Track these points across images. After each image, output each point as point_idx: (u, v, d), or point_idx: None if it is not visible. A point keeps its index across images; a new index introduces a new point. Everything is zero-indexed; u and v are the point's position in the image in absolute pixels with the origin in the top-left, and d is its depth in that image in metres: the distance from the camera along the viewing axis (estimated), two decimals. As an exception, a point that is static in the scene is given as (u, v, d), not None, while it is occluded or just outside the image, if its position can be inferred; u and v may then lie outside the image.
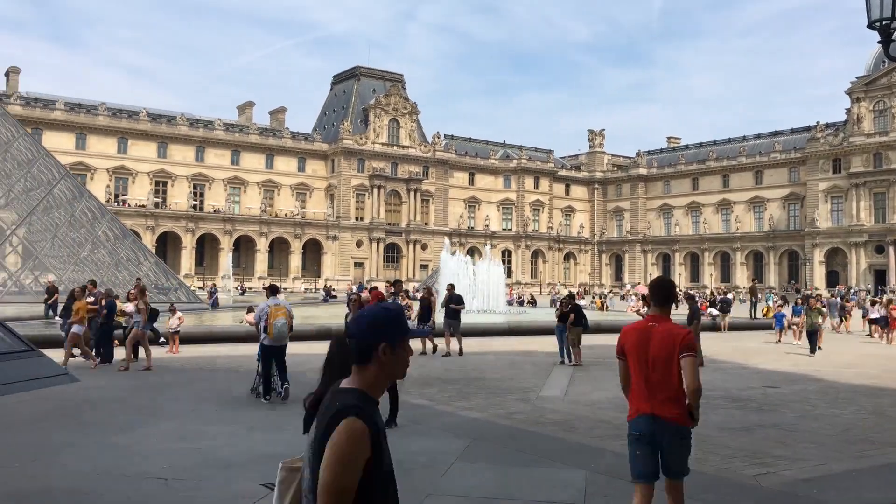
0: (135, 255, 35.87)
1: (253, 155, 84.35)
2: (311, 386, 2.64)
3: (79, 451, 7.73)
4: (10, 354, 11.32)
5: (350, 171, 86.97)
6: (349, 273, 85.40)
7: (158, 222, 76.07)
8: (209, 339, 20.61)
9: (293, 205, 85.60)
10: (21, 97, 73.21)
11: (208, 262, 79.42)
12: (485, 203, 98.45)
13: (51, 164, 33.74)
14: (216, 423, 9.34)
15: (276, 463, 2.75)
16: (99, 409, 10.22)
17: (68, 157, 66.57)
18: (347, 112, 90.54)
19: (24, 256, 34.87)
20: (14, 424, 8.96)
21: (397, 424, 9.12)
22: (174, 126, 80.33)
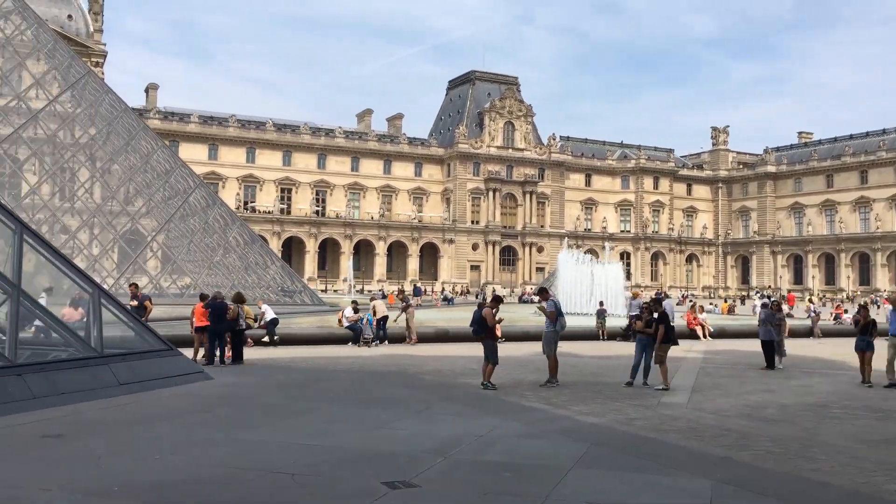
0: (262, 259, 37.51)
1: (371, 161, 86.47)
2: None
3: (213, 445, 8.14)
4: (151, 353, 12.12)
5: (465, 175, 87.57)
6: (465, 276, 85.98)
7: (284, 228, 79.32)
8: (331, 340, 21.27)
9: (410, 209, 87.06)
10: (159, 112, 78.24)
11: (330, 266, 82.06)
12: (602, 204, 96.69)
13: (186, 174, 35.83)
14: (340, 421, 9.60)
15: (398, 461, 2.78)
16: (231, 406, 10.73)
17: (202, 167, 70.51)
18: (462, 116, 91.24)
19: (163, 261, 37.19)
20: (154, 419, 9.55)
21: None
22: (298, 135, 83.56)
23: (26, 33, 33.93)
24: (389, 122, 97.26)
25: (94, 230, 37.02)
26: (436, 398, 11.61)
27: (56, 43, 34.66)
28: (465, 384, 13.36)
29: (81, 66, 34.97)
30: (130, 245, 34.80)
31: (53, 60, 34.36)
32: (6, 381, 9.50)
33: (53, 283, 14.04)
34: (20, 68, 34.06)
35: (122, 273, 32.57)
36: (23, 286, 10.34)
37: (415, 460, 7.41)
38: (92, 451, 7.59)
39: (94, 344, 11.23)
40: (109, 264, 35.74)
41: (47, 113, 33.32)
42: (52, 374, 10.31)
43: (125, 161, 35.39)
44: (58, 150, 35.45)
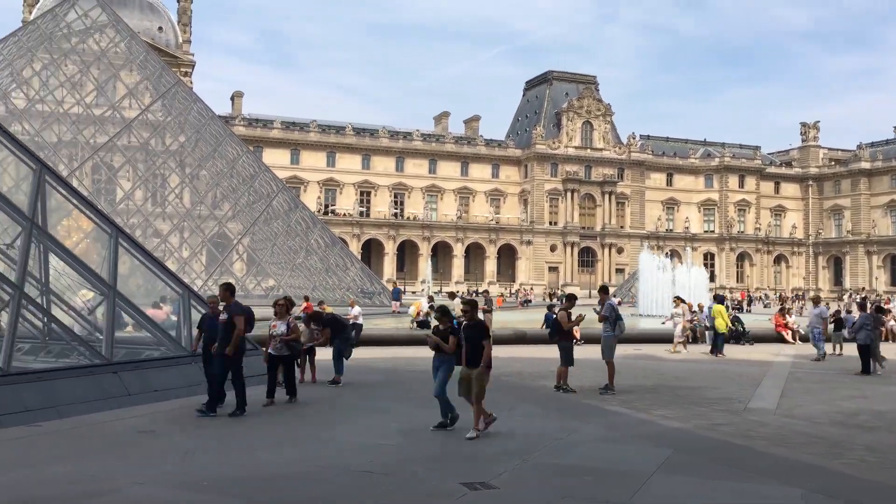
0: (343, 261, 38.19)
1: (449, 163, 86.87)
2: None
3: (294, 443, 8.34)
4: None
5: (543, 176, 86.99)
6: (543, 277, 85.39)
7: (363, 230, 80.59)
8: (410, 341, 21.44)
9: (487, 211, 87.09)
10: (244, 118, 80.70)
11: (408, 268, 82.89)
12: (684, 204, 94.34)
13: (270, 178, 36.84)
14: (418, 422, 9.68)
15: (477, 462, 2.79)
16: (311, 406, 10.97)
17: (284, 171, 72.32)
18: (540, 117, 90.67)
19: (248, 263, 38.32)
20: (242, 416, 9.84)
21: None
22: (376, 139, 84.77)
23: (120, 46, 35.56)
24: (466, 124, 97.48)
25: (184, 234, 38.45)
26: (515, 400, 11.57)
27: (147, 54, 36.20)
28: (545, 386, 13.27)
29: (171, 76, 36.42)
30: (218, 248, 36.02)
31: (145, 71, 35.88)
32: (103, 379, 9.98)
33: (146, 284, 14.65)
34: (115, 79, 35.72)
35: (210, 275, 33.73)
36: (118, 287, 10.85)
37: (493, 461, 7.40)
38: (183, 446, 7.90)
39: (184, 343, 11.67)
40: (198, 266, 37.04)
41: (140, 121, 34.82)
42: (146, 372, 10.77)
43: (212, 167, 36.64)
44: (150, 157, 37.00)
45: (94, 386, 9.81)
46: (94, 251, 17.06)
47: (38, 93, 35.01)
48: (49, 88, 35.12)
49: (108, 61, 35.14)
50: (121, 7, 60.02)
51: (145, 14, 73.72)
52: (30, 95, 34.98)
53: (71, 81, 35.18)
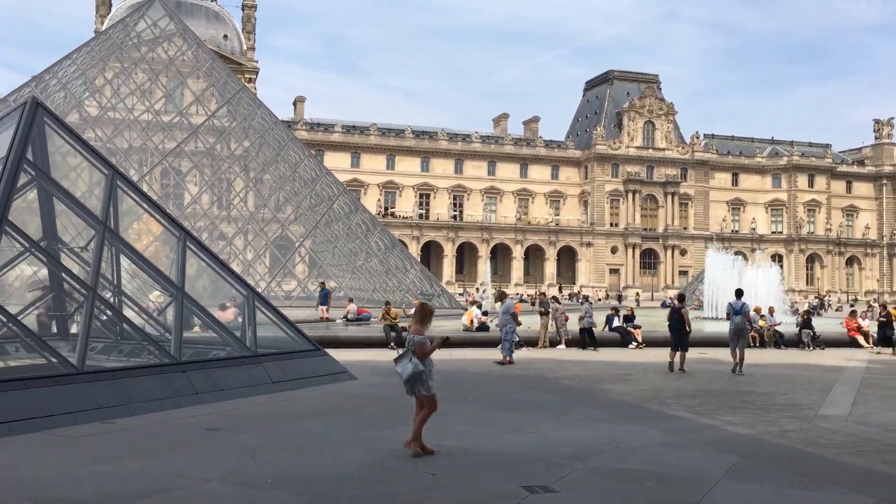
0: (402, 263, 38.46)
1: (508, 165, 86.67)
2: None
3: (357, 442, 8.44)
4: (300, 353, 12.72)
5: (603, 177, 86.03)
6: (604, 280, 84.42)
7: (422, 232, 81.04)
8: (468, 343, 21.46)
9: (547, 212, 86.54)
10: (306, 123, 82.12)
11: (467, 270, 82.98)
12: (750, 204, 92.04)
13: (331, 181, 37.39)
14: (477, 423, 9.69)
15: (536, 466, 2.78)
16: (374, 406, 11.08)
17: (345, 174, 73.33)
18: (600, 117, 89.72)
19: (309, 265, 38.97)
20: (303, 416, 10.02)
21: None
22: (435, 141, 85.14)
23: (187, 54, 36.63)
24: (525, 125, 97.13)
25: (248, 236, 39.36)
26: (574, 403, 11.47)
27: (213, 62, 37.18)
28: (605, 390, 13.11)
29: (236, 83, 37.31)
30: (280, 250, 36.74)
31: (211, 78, 36.88)
32: (173, 378, 10.29)
33: (212, 286, 15.05)
34: (182, 86, 36.80)
35: (273, 277, 34.42)
36: (186, 289, 11.16)
37: (553, 465, 7.36)
38: (248, 444, 8.07)
39: (249, 344, 11.93)
40: (262, 268, 37.85)
41: (206, 127, 35.78)
42: (212, 372, 11.05)
43: (275, 171, 37.40)
44: (215, 162, 37.99)
45: (164, 384, 10.12)
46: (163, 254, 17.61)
47: (110, 100, 36.32)
48: (120, 96, 36.41)
49: (175, 69, 36.23)
50: (188, 16, 61.81)
51: (211, 23, 75.73)
52: (102, 103, 36.32)
53: (141, 89, 36.39)
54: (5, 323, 9.65)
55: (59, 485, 6.46)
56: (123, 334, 11.36)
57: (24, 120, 10.13)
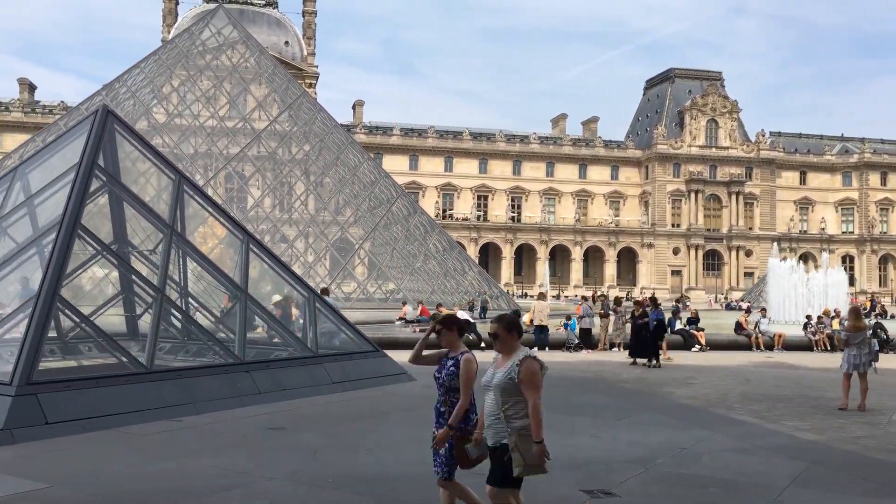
0: (461, 265, 38.53)
1: (566, 166, 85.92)
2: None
3: (416, 443, 8.48)
4: (359, 354, 12.86)
5: (665, 177, 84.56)
6: (666, 281, 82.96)
7: (480, 234, 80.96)
8: (527, 344, 21.36)
9: (607, 213, 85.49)
10: (365, 126, 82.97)
11: (526, 272, 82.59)
12: (819, 204, 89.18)
13: (389, 184, 37.72)
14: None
15: (597, 469, 2.75)
16: (431, 407, 11.11)
17: (403, 177, 73.78)
18: (661, 116, 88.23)
19: (369, 267, 39.36)
20: (363, 417, 10.12)
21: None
22: (493, 143, 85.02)
23: (250, 61, 37.46)
24: (584, 125, 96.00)
25: (309, 239, 39.97)
26: (636, 407, 11.30)
27: (275, 68, 37.93)
28: (668, 393, 12.88)
29: (297, 88, 38.01)
30: (340, 252, 37.21)
31: (273, 84, 37.62)
32: (237, 377, 10.52)
33: (274, 288, 15.33)
34: (245, 93, 37.66)
35: (334, 279, 34.87)
36: (249, 290, 11.41)
37: (614, 469, 7.26)
38: (309, 444, 8.20)
39: (310, 344, 12.13)
40: (322, 270, 38.37)
41: (268, 132, 36.53)
42: (274, 372, 11.26)
43: (335, 174, 37.91)
44: (277, 166, 38.73)
45: (228, 384, 10.35)
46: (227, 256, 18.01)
47: (177, 107, 37.39)
48: (186, 103, 37.46)
49: (239, 76, 37.08)
50: (250, 24, 63.17)
51: (273, 29, 77.24)
52: (169, 110, 37.41)
53: (206, 96, 37.37)
54: (78, 324, 10.02)
55: (129, 480, 6.67)
56: (190, 334, 11.66)
57: (96, 127, 10.50)
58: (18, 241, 10.37)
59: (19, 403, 7.98)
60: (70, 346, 11.41)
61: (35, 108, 74.58)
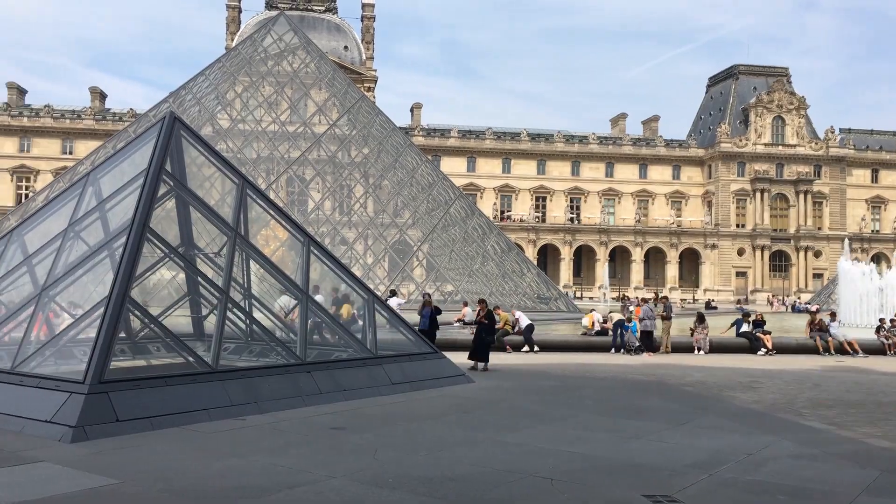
0: (519, 266, 38.39)
1: (626, 166, 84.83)
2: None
3: (475, 445, 8.49)
4: (418, 355, 12.93)
5: (729, 176, 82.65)
6: (730, 283, 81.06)
7: (539, 236, 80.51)
8: (587, 347, 21.15)
9: (668, 213, 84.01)
10: (423, 129, 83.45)
11: (585, 273, 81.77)
12: (892, 202, 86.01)
13: (447, 186, 37.83)
14: (597, 429, 9.53)
15: (659, 474, 2.71)
16: (491, 409, 11.11)
17: (461, 179, 73.93)
18: (725, 114, 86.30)
19: (427, 269, 39.54)
20: (422, 418, 10.17)
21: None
22: (551, 143, 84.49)
23: (310, 66, 38.08)
24: (644, 125, 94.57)
25: (368, 241, 40.38)
26: (698, 411, 11.07)
27: (335, 73, 38.48)
28: (731, 397, 12.58)
29: (356, 92, 38.47)
30: (399, 254, 37.47)
31: (332, 88, 38.17)
32: (299, 377, 10.71)
33: (334, 289, 15.54)
34: (306, 97, 38.29)
35: (392, 280, 35.14)
36: (310, 292, 11.59)
37: (677, 474, 7.13)
38: (369, 444, 8.28)
39: (369, 346, 12.25)
40: (381, 272, 38.74)
41: (328, 136, 37.06)
42: (335, 372, 11.41)
43: (393, 176, 38.22)
44: (337, 169, 39.27)
45: (290, 384, 10.54)
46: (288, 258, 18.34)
47: (240, 113, 38.27)
48: (249, 109, 38.31)
49: (299, 81, 37.73)
50: (310, 29, 64.25)
51: (332, 35, 78.38)
52: (233, 116, 38.32)
53: (268, 101, 38.15)
54: (147, 324, 10.33)
55: (197, 477, 6.85)
56: (253, 335, 11.91)
57: (163, 134, 10.82)
58: (91, 245, 10.75)
59: (92, 401, 8.27)
60: (139, 346, 11.78)
61: (105, 116, 77.34)
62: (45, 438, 7.95)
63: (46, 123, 75.25)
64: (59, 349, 9.83)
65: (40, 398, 8.56)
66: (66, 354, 10.01)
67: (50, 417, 8.22)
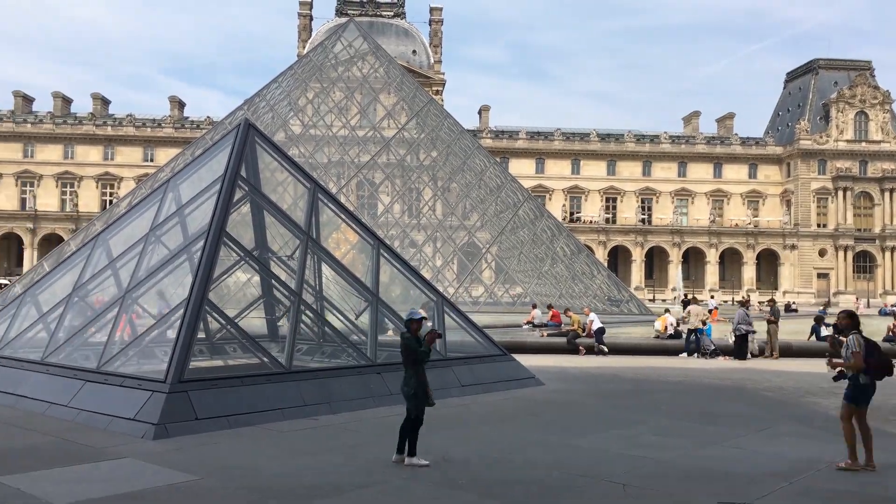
0: (589, 268, 37.88)
1: (699, 165, 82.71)
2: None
3: (547, 448, 8.42)
4: (487, 358, 12.92)
5: (808, 174, 79.77)
6: (811, 285, 78.20)
7: (609, 237, 79.28)
8: (659, 350, 20.74)
9: (744, 213, 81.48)
10: (491, 131, 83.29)
11: (657, 275, 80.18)
12: None
13: (515, 188, 37.69)
14: (671, 434, 9.33)
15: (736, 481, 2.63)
16: (562, 412, 11.01)
17: (530, 180, 73.46)
18: (804, 110, 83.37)
19: (496, 271, 39.46)
20: (492, 420, 10.16)
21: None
22: (622, 143, 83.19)
23: (379, 71, 38.54)
24: (719, 122, 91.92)
25: (437, 244, 40.56)
26: (778, 417, 10.72)
27: (403, 77, 38.83)
28: (813, 403, 12.13)
29: (424, 96, 38.72)
30: (468, 257, 37.51)
31: (401, 93, 38.53)
32: (369, 378, 10.84)
33: (404, 292, 15.66)
34: (375, 102, 38.77)
35: (462, 283, 35.21)
36: (380, 295, 11.72)
37: (754, 482, 6.92)
38: (440, 445, 8.31)
39: (439, 348, 12.29)
40: (450, 274, 38.85)
41: (397, 140, 37.43)
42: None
43: (462, 179, 38.32)
44: (406, 172, 39.61)
45: (361, 384, 10.68)
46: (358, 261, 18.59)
47: (311, 119, 39.01)
48: (320, 114, 39.02)
49: (369, 86, 38.23)
50: (379, 35, 65.02)
51: (401, 39, 79.16)
52: (304, 121, 39.09)
53: (338, 107, 38.78)
54: (224, 326, 10.64)
55: (273, 474, 7.01)
56: (325, 337, 12.11)
57: (238, 141, 11.13)
58: (171, 249, 11.14)
59: (172, 400, 8.57)
60: (217, 346, 12.13)
61: (184, 124, 79.99)
62: (129, 435, 8.28)
63: (129, 132, 78.35)
64: (142, 349, 10.22)
65: (124, 397, 8.92)
66: (148, 354, 10.40)
67: (133, 415, 8.55)
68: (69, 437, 8.27)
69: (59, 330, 11.25)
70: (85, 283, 11.96)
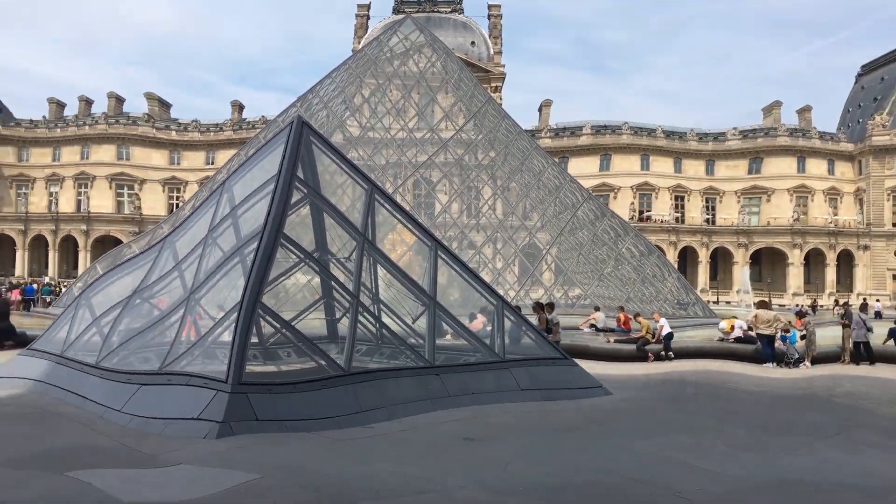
0: (660, 270, 36.79)
1: (780, 159, 78.86)
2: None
3: (610, 457, 8.11)
4: (548, 361, 12.59)
5: (881, 172, 76.48)
6: (885, 286, 74.96)
7: (679, 237, 76.96)
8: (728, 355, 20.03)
9: (826, 212, 77.96)
10: (550, 129, 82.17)
11: (722, 276, 77.98)
12: None
13: (575, 188, 37.07)
14: (742, 446, 8.86)
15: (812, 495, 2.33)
16: (628, 420, 10.63)
17: (592, 179, 72.13)
18: (879, 104, 80.00)
19: (555, 273, 38.89)
20: (553, 428, 9.87)
21: None
22: (685, 142, 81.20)
23: (436, 65, 38.32)
24: (799, 114, 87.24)
25: (497, 245, 40.24)
26: (853, 426, 10.13)
27: (461, 72, 38.55)
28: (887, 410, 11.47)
29: (483, 95, 38.43)
30: (528, 258, 37.06)
31: (459, 92, 38.29)
32: (427, 380, 10.69)
33: (463, 295, 15.44)
34: (432, 103, 38.64)
35: (522, 285, 34.79)
36: (437, 298, 11.54)
37: (831, 494, 6.48)
38: (500, 454, 8.09)
39: (497, 350, 12.06)
40: (511, 277, 38.44)
41: (454, 140, 37.23)
42: (463, 376, 11.31)
43: (520, 179, 37.89)
44: (464, 171, 39.39)
45: (419, 386, 10.53)
46: (415, 263, 18.47)
47: (369, 120, 39.13)
48: (378, 116, 39.12)
49: (426, 84, 38.07)
50: (436, 28, 64.77)
51: (458, 31, 78.83)
52: (361, 123, 39.26)
53: (396, 108, 38.82)
54: (279, 329, 10.61)
55: (330, 476, 6.89)
56: (382, 338, 12.00)
57: (292, 139, 11.08)
58: (225, 251, 11.17)
59: (235, 400, 8.59)
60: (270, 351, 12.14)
61: (241, 126, 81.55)
62: (194, 433, 8.31)
63: (194, 137, 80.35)
64: (205, 350, 10.27)
65: (189, 395, 8.98)
66: (210, 355, 10.44)
67: (197, 414, 8.60)
68: (126, 441, 8.32)
69: (114, 333, 11.44)
70: (150, 285, 12.15)
